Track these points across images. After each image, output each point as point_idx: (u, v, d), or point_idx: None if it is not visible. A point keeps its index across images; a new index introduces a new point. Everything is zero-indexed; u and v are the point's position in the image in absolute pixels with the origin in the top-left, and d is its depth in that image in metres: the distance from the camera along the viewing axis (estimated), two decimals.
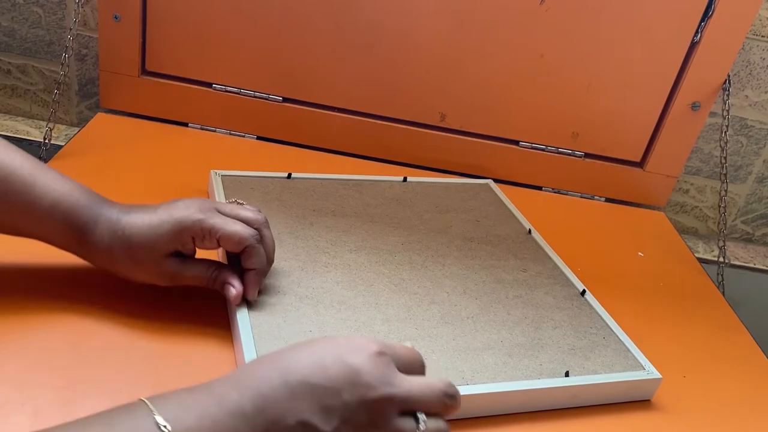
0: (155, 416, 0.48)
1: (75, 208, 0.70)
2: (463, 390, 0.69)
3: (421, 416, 0.54)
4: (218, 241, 0.71)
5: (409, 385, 0.54)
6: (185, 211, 0.70)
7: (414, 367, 0.57)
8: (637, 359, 0.79)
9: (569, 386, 0.73)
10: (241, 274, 0.74)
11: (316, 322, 0.74)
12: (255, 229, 0.73)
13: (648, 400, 0.79)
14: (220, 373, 0.68)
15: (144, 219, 0.70)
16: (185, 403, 0.50)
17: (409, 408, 0.54)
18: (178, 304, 0.76)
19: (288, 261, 0.83)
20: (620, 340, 0.82)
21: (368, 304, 0.79)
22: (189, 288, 0.78)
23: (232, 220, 0.72)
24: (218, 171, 0.97)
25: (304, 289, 0.78)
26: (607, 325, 0.84)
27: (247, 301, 0.74)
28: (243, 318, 0.72)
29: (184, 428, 0.48)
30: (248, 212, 0.74)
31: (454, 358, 0.73)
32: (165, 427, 0.47)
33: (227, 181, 0.96)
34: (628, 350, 0.80)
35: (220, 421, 0.49)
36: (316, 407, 0.51)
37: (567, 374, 0.74)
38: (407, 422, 0.54)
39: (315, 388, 0.52)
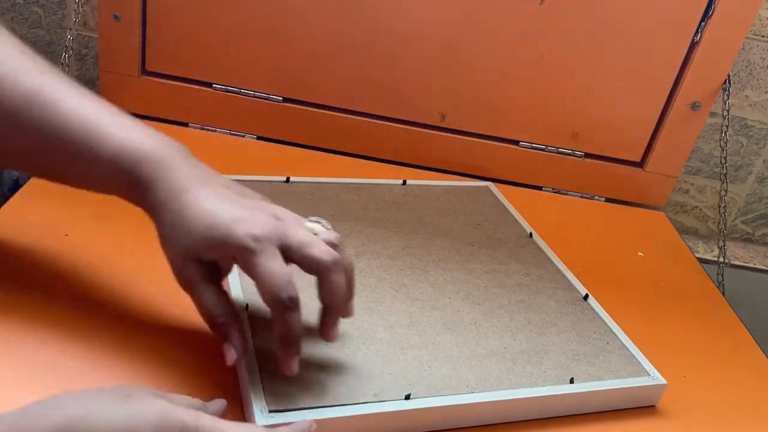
0: None
1: (136, 160, 0.64)
2: (468, 398, 0.69)
3: None
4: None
5: None
6: (245, 226, 0.61)
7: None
8: (641, 365, 0.79)
9: (574, 393, 0.73)
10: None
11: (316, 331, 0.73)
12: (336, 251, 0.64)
13: (653, 406, 0.79)
14: (217, 376, 0.68)
15: (203, 206, 0.62)
16: None
17: None
18: (178, 307, 0.76)
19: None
20: (624, 345, 0.82)
21: (370, 310, 0.78)
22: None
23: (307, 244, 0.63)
24: None
25: (304, 296, 0.77)
26: (610, 330, 0.84)
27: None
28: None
29: None
30: (325, 231, 0.66)
31: (457, 366, 0.73)
32: None
33: None
34: (633, 356, 0.80)
35: None
36: None
37: (572, 381, 0.74)
38: None
39: None
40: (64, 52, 1.09)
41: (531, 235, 1.00)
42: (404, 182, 1.08)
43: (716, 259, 1.21)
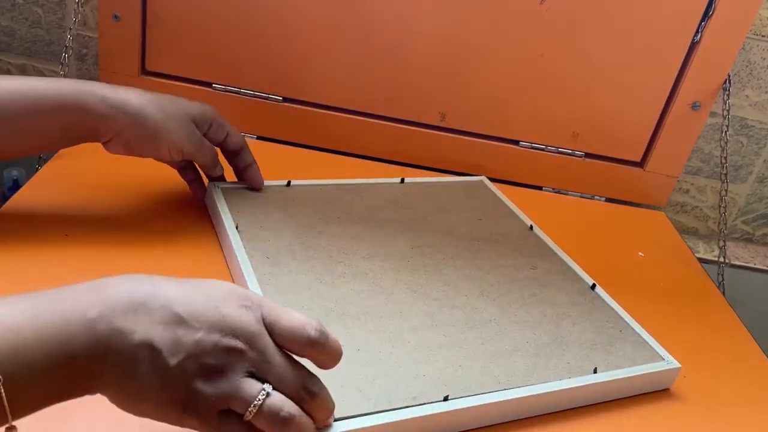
0: None
1: (82, 102, 0.76)
2: (503, 395, 0.69)
3: (267, 387, 0.51)
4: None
5: (271, 355, 0.52)
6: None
7: (294, 344, 0.53)
8: (655, 350, 0.81)
9: (599, 383, 0.74)
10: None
11: (346, 336, 0.72)
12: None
13: (667, 389, 0.81)
14: None
15: (164, 99, 0.83)
16: (23, 302, 0.48)
17: (261, 374, 0.51)
18: None
19: (306, 274, 0.81)
20: (636, 332, 0.83)
21: (392, 312, 0.78)
22: None
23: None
24: (217, 183, 0.95)
25: (327, 302, 0.77)
26: (621, 318, 0.85)
27: None
28: None
29: (12, 320, 0.46)
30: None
31: (486, 363, 0.73)
32: None
33: (227, 193, 0.94)
34: (646, 342, 0.82)
35: (51, 321, 0.47)
36: (167, 335, 0.49)
37: (595, 371, 0.75)
38: (251, 385, 0.51)
39: (173, 316, 0.50)
40: (63, 52, 1.08)
41: (531, 227, 1.01)
42: (402, 180, 1.07)
43: (716, 259, 1.21)
